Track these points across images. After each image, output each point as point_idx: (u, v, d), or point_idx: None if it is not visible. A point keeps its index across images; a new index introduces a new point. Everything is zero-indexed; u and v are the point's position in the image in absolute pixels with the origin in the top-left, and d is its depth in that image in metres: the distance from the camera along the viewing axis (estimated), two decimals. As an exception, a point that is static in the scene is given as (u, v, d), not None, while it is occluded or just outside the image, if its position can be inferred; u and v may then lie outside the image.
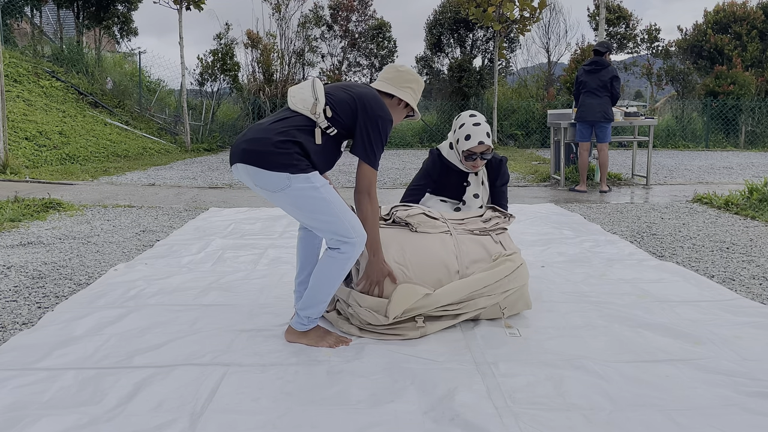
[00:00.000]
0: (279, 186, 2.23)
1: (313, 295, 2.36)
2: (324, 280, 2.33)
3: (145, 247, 4.14)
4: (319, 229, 2.31)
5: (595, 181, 7.52)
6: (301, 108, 2.31)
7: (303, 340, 2.41)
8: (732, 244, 4.23)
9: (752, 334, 2.49)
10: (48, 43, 16.45)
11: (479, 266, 2.61)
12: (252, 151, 2.25)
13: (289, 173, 2.21)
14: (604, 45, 7.07)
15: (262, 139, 2.25)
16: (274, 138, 2.23)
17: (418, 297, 2.44)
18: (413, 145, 15.78)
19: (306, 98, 2.33)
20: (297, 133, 2.27)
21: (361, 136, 2.32)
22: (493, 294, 2.57)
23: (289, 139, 2.24)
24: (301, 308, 2.39)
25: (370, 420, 1.83)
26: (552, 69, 20.12)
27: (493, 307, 2.62)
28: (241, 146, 2.28)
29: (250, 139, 2.27)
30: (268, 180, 2.24)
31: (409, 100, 2.53)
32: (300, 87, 2.40)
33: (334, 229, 2.27)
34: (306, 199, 2.25)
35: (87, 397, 1.96)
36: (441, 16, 17.73)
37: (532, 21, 15.47)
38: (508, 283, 2.59)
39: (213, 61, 15.62)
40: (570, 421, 1.82)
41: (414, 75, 2.57)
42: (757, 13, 18.35)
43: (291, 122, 2.30)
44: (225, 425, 1.80)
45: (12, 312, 2.81)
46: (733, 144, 16.16)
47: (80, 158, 10.19)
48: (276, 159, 2.21)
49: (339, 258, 2.29)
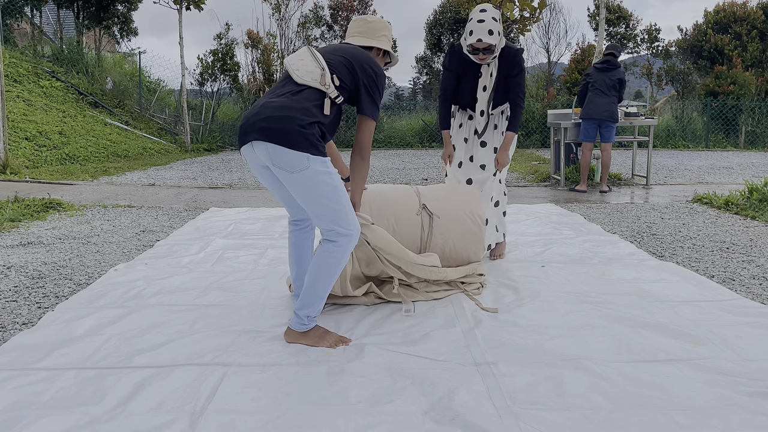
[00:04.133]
0: (298, 167, 2.21)
1: (310, 293, 2.35)
2: (320, 276, 2.33)
3: (145, 247, 4.14)
4: (321, 217, 2.29)
5: (595, 181, 7.52)
6: (310, 81, 2.29)
7: (303, 340, 2.40)
8: (732, 244, 4.23)
9: (752, 334, 2.49)
10: (48, 43, 16.46)
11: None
12: (276, 129, 2.20)
13: (309, 154, 2.20)
14: (617, 48, 7.16)
15: (285, 117, 2.21)
16: (299, 116, 2.21)
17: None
18: (413, 145, 15.77)
19: (312, 70, 2.31)
20: (315, 110, 2.26)
21: (366, 95, 2.36)
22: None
23: (312, 120, 2.23)
24: (299, 308, 2.38)
25: (370, 420, 1.83)
26: (552, 69, 20.13)
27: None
28: (260, 124, 2.23)
29: (271, 117, 2.22)
30: (289, 159, 2.20)
31: (388, 48, 2.61)
32: (300, 58, 2.37)
33: (336, 219, 2.27)
34: (319, 183, 2.24)
35: (87, 397, 1.96)
36: (441, 16, 17.74)
37: (532, 21, 15.45)
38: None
39: (213, 61, 15.63)
40: (570, 421, 1.82)
41: (383, 22, 2.64)
42: (757, 13, 18.35)
43: (305, 97, 2.27)
44: (225, 425, 1.80)
45: (12, 312, 2.81)
46: (733, 144, 16.16)
47: (80, 158, 10.20)
48: (300, 138, 2.19)
49: (335, 252, 2.30)
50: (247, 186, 7.64)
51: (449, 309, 2.82)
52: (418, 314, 2.74)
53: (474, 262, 3.18)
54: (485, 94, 3.51)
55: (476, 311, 2.78)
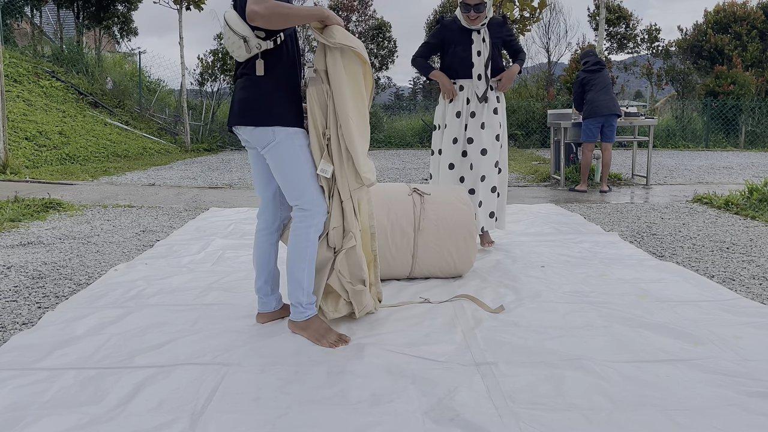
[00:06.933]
0: (265, 141, 2.35)
1: (290, 275, 2.40)
2: (294, 255, 2.38)
3: (145, 247, 4.14)
4: (285, 191, 2.39)
5: (595, 181, 7.52)
6: (244, 55, 2.28)
7: (303, 333, 2.43)
8: (732, 244, 4.23)
9: (752, 334, 2.49)
10: (48, 43, 16.46)
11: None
12: (237, 111, 2.35)
13: (275, 126, 2.30)
14: (592, 52, 7.31)
15: (245, 100, 2.33)
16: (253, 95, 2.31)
17: None
18: (413, 145, 15.78)
19: (235, 41, 2.26)
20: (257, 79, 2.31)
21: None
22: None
23: (262, 92, 2.30)
24: (289, 296, 2.44)
25: (370, 420, 1.83)
26: (552, 69, 20.12)
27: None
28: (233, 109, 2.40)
29: (237, 101, 2.36)
30: (256, 136, 2.35)
31: None
32: (227, 37, 2.31)
33: (297, 194, 2.36)
34: (284, 156, 2.34)
35: (87, 397, 1.96)
36: (441, 16, 17.76)
37: (532, 21, 15.45)
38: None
39: (213, 61, 15.63)
40: (570, 421, 1.82)
41: None
42: (757, 13, 18.36)
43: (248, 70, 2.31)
44: (225, 425, 1.80)
45: (12, 312, 2.82)
46: (733, 144, 16.16)
47: (80, 158, 10.20)
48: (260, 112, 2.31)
49: (299, 229, 2.36)
50: (247, 186, 7.64)
51: (449, 309, 2.82)
52: (418, 314, 2.74)
53: (468, 237, 3.23)
54: (480, 59, 3.73)
55: (476, 311, 2.78)
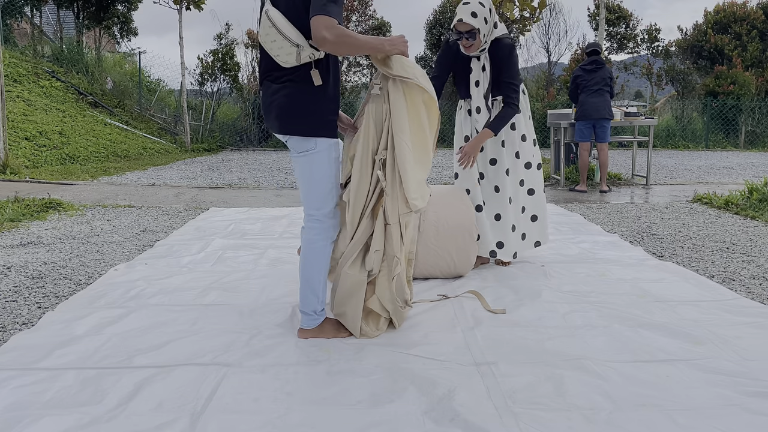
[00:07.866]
0: (303, 148, 2.38)
1: (306, 285, 2.40)
2: (311, 265, 2.39)
3: (145, 247, 4.14)
4: (302, 198, 2.45)
5: (595, 181, 7.52)
6: (292, 62, 2.20)
7: (319, 335, 2.45)
8: (732, 244, 4.23)
9: (752, 334, 2.49)
10: (48, 43, 16.44)
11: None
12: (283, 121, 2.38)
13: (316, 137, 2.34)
14: (599, 45, 7.30)
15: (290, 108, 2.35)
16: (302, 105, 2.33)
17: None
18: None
19: (282, 46, 2.17)
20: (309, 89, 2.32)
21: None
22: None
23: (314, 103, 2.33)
24: (302, 306, 2.43)
25: (370, 420, 1.83)
26: (552, 69, 20.10)
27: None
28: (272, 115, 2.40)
29: (275, 108, 2.36)
30: (296, 144, 2.38)
31: None
32: (271, 39, 2.18)
33: (309, 202, 2.39)
34: (311, 166, 2.38)
35: (87, 397, 1.96)
36: (441, 16, 17.73)
37: (532, 21, 15.45)
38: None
39: (213, 61, 15.62)
40: (570, 421, 1.82)
41: None
42: (757, 13, 18.35)
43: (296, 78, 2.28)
44: (225, 425, 1.80)
45: (12, 312, 2.82)
46: (733, 144, 16.16)
47: (80, 158, 10.19)
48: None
49: (309, 237, 2.39)
50: (247, 186, 7.64)
51: (449, 309, 2.82)
52: (418, 314, 2.74)
53: (468, 237, 3.23)
54: (478, 90, 3.28)
55: (476, 311, 2.79)
